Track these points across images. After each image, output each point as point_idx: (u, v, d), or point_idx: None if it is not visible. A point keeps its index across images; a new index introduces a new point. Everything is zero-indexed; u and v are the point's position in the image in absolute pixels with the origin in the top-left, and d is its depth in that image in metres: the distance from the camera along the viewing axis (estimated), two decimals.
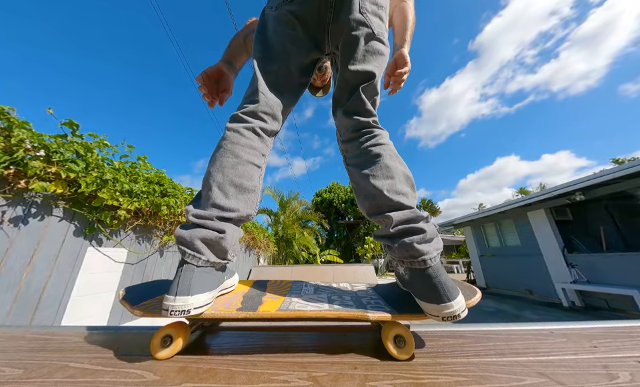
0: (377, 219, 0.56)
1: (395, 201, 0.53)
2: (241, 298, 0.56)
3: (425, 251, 0.47)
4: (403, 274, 0.52)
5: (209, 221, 0.49)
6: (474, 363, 0.43)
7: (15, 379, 0.39)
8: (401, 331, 0.46)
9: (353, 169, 0.64)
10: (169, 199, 3.35)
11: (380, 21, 0.67)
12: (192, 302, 0.43)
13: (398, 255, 0.51)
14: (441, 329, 0.59)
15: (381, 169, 0.57)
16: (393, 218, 0.51)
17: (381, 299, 0.57)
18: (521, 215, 6.94)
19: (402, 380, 0.38)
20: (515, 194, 29.72)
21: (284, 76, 0.67)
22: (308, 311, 0.48)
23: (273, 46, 0.67)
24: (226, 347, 0.52)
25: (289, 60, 0.67)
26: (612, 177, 4.52)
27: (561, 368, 0.41)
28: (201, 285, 0.45)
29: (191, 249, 0.46)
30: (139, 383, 0.38)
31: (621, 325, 0.61)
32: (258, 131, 0.59)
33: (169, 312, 0.42)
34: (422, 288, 0.47)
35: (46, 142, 2.17)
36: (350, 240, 21.30)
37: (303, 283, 0.72)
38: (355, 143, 0.64)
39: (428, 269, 0.47)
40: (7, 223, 1.97)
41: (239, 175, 0.53)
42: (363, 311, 0.48)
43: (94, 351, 0.49)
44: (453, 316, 0.44)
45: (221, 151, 0.54)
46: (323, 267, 2.56)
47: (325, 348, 0.49)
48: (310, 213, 12.41)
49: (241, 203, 0.52)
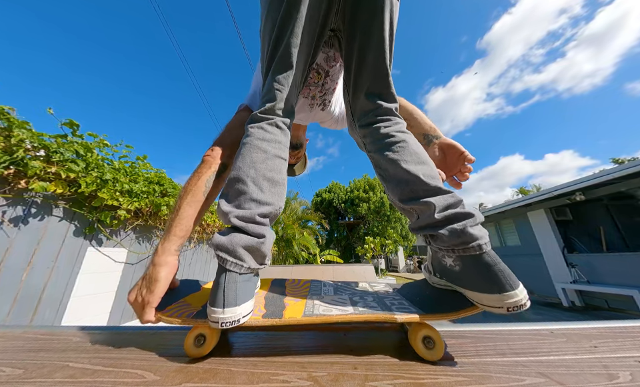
0: (412, 205, 0.52)
1: (432, 185, 0.50)
2: (263, 301, 0.55)
3: (479, 236, 0.43)
4: (453, 266, 0.47)
5: (250, 224, 0.48)
6: (474, 363, 0.43)
7: (15, 379, 0.39)
8: (429, 332, 0.45)
9: (378, 155, 0.60)
10: (169, 199, 3.35)
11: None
12: (240, 311, 0.43)
13: (448, 243, 0.46)
14: (440, 329, 0.59)
15: (411, 154, 0.55)
16: (436, 204, 0.47)
17: (404, 300, 0.55)
18: (521, 215, 6.94)
19: (402, 380, 0.38)
20: (515, 194, 29.73)
21: (296, 59, 0.61)
22: (334, 315, 0.47)
23: (282, 25, 0.59)
24: (226, 347, 0.52)
25: (301, 36, 0.59)
26: (612, 177, 4.53)
27: (561, 368, 0.41)
28: (246, 293, 0.45)
29: (233, 257, 0.45)
30: (139, 383, 0.38)
31: (621, 325, 0.61)
32: (280, 125, 0.60)
33: (219, 325, 0.41)
34: (478, 278, 0.43)
35: (46, 142, 2.17)
36: (350, 240, 21.30)
37: (322, 283, 0.70)
38: (376, 128, 0.62)
39: (484, 255, 0.43)
40: (6, 223, 1.97)
41: (270, 169, 0.53)
42: (390, 313, 0.47)
43: (94, 351, 0.49)
44: (518, 306, 0.40)
45: (248, 148, 0.54)
46: (323, 267, 2.56)
47: (325, 348, 0.49)
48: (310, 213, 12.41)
49: (275, 196, 0.53)
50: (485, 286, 0.42)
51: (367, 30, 0.61)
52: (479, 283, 0.43)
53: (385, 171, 0.58)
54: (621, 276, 4.77)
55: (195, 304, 0.53)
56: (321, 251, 11.49)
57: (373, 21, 0.60)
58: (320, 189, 24.15)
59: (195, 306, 0.52)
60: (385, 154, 0.58)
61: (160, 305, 0.50)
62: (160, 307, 0.50)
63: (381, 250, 16.47)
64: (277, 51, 0.60)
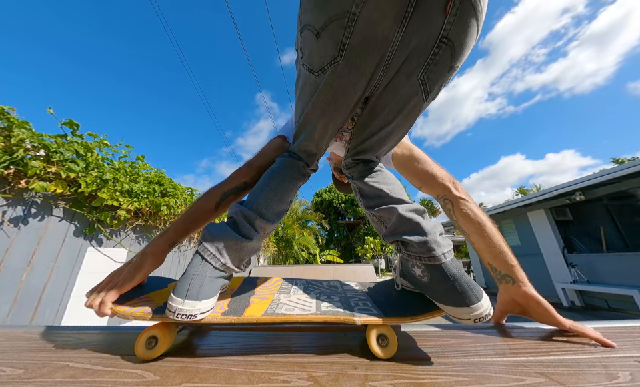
0: (379, 212, 0.57)
1: (396, 197, 0.56)
2: (228, 299, 0.55)
3: (443, 244, 0.46)
4: (421, 276, 0.49)
5: (246, 224, 0.51)
6: (474, 363, 0.43)
7: (15, 379, 0.39)
8: (383, 330, 0.46)
9: (359, 183, 0.66)
10: (168, 199, 3.35)
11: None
12: (199, 307, 0.42)
13: (417, 249, 0.48)
14: (441, 330, 0.59)
15: (384, 178, 0.63)
16: (398, 209, 0.52)
17: (369, 300, 0.56)
18: (521, 215, 6.94)
19: (402, 380, 0.38)
20: (515, 194, 29.74)
21: (326, 138, 0.64)
22: (294, 314, 0.48)
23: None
24: (226, 347, 0.52)
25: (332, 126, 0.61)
26: (612, 177, 4.52)
27: (561, 368, 0.41)
28: (210, 290, 0.45)
29: (212, 249, 0.46)
30: (139, 383, 0.38)
31: (621, 325, 0.61)
32: (303, 170, 0.68)
33: (174, 314, 0.41)
34: (446, 291, 0.45)
35: (46, 142, 2.17)
36: (350, 240, 21.30)
37: (294, 281, 0.70)
38: (356, 168, 0.68)
39: (449, 266, 0.45)
40: (7, 223, 1.97)
41: (283, 192, 0.60)
42: (350, 315, 0.48)
43: (94, 351, 0.49)
44: (483, 317, 0.42)
45: (274, 173, 0.62)
46: (322, 267, 2.56)
47: (325, 348, 0.49)
48: (310, 213, 12.41)
49: (276, 216, 0.58)
50: (453, 299, 0.44)
51: (390, 121, 0.58)
52: (447, 297, 0.45)
53: (363, 190, 0.65)
54: (620, 276, 4.77)
55: (157, 301, 0.51)
56: (320, 251, 11.49)
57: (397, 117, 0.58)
58: (320, 189, 24.16)
59: (156, 303, 0.50)
60: (364, 181, 0.64)
61: (120, 299, 0.49)
62: (120, 302, 0.49)
63: (380, 250, 16.47)
64: (303, 129, 0.64)
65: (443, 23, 0.41)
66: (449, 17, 0.40)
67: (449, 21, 0.40)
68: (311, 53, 0.48)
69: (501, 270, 0.62)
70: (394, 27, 0.41)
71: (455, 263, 0.46)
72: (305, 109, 0.59)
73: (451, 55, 0.45)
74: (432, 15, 0.40)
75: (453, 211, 0.69)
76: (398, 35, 0.42)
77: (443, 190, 0.70)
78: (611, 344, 0.50)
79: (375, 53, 0.45)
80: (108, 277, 0.53)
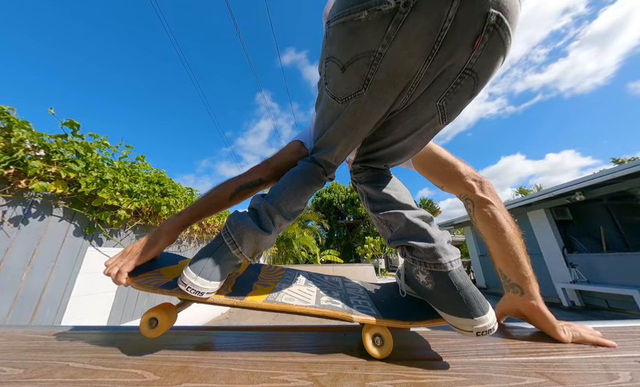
0: (386, 216, 0.57)
1: (403, 203, 0.56)
2: (233, 282, 0.57)
3: (450, 252, 0.46)
4: (425, 283, 0.48)
5: (267, 218, 0.52)
6: (474, 363, 0.43)
7: (15, 379, 0.39)
8: (379, 330, 0.46)
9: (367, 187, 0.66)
10: (168, 198, 3.35)
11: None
12: (207, 287, 0.45)
13: (423, 255, 0.47)
14: (440, 330, 0.59)
15: (392, 184, 0.63)
16: (405, 214, 0.52)
17: (369, 300, 0.57)
18: (521, 215, 6.94)
19: (402, 380, 0.38)
20: (515, 194, 29.74)
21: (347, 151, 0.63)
22: (294, 305, 0.49)
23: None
24: (226, 347, 0.52)
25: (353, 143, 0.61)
26: (612, 177, 4.52)
27: (561, 368, 0.41)
28: (221, 273, 0.47)
29: (233, 236, 0.48)
30: (139, 383, 0.38)
31: (621, 325, 0.61)
32: (322, 177, 0.67)
33: (186, 287, 0.43)
34: (450, 300, 0.44)
35: (46, 142, 2.17)
36: (350, 240, 21.30)
37: (296, 272, 0.71)
38: (364, 173, 0.68)
39: (455, 275, 0.44)
40: (7, 223, 1.97)
41: (302, 195, 0.60)
42: (348, 312, 0.48)
43: (94, 351, 0.49)
44: (487, 330, 0.41)
45: (296, 175, 0.62)
46: (322, 267, 2.56)
47: (325, 348, 0.49)
48: (310, 213, 12.42)
49: (292, 215, 0.59)
50: (457, 309, 0.43)
51: (406, 142, 0.59)
52: (450, 306, 0.44)
53: (370, 194, 0.65)
54: (620, 276, 4.77)
55: (167, 276, 0.54)
56: (320, 251, 11.49)
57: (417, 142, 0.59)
58: (320, 189, 24.15)
59: (166, 278, 0.53)
60: (372, 186, 0.65)
61: (134, 271, 0.51)
62: (134, 273, 0.51)
63: (380, 250, 16.48)
64: (324, 146, 0.63)
65: (469, 57, 0.40)
66: (476, 51, 0.39)
67: (475, 55, 0.40)
68: (335, 83, 0.49)
69: (511, 279, 0.61)
70: (419, 62, 0.41)
71: (462, 273, 0.45)
72: (326, 129, 0.59)
73: (474, 84, 0.44)
74: (459, 50, 0.40)
75: (473, 211, 0.69)
76: (423, 69, 0.42)
77: (466, 190, 0.70)
78: (612, 344, 0.50)
79: (399, 85, 0.45)
80: (128, 248, 0.56)
